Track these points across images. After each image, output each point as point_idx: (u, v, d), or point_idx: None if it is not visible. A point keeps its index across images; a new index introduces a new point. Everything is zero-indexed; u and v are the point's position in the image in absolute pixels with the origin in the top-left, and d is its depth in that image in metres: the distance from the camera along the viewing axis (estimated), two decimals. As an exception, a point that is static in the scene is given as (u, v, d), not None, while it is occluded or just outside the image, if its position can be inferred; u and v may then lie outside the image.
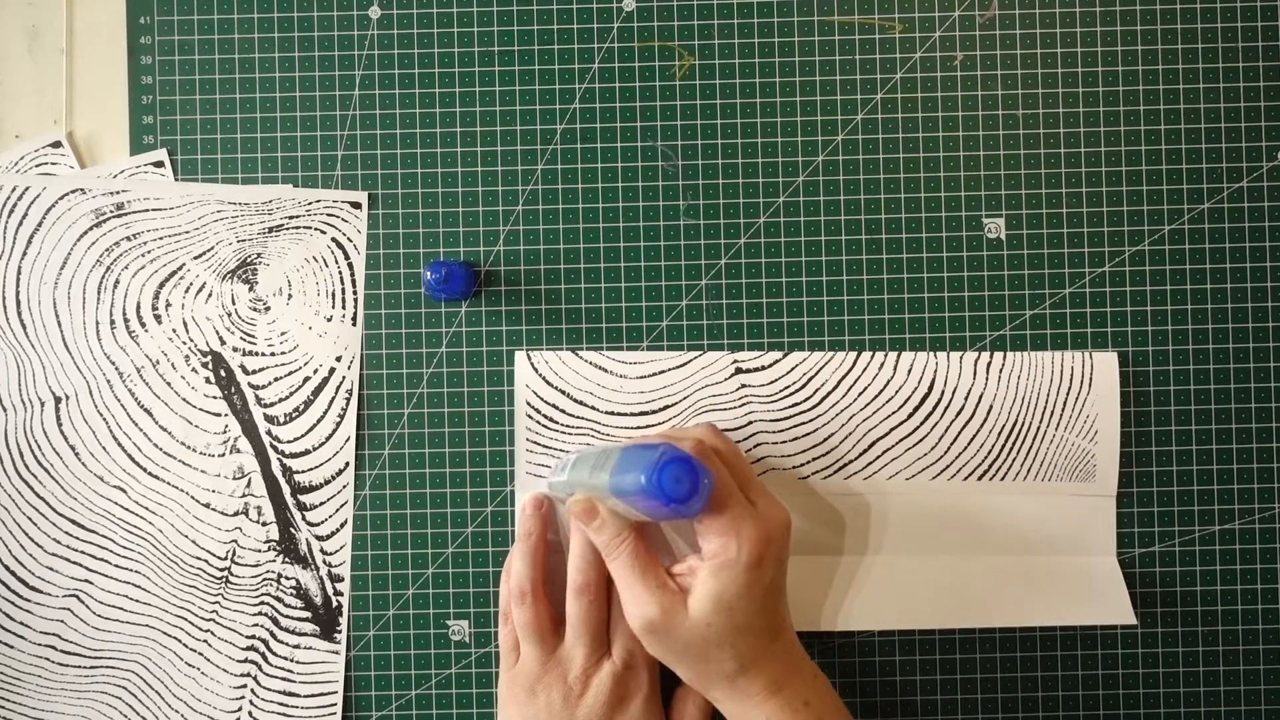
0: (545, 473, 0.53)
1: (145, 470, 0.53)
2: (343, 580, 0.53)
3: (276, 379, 0.53)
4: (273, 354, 0.53)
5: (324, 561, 0.53)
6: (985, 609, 0.52)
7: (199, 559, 0.53)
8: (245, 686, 0.53)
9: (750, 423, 0.52)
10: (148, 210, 0.53)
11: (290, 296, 0.53)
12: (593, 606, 0.48)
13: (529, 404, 0.53)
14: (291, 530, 0.53)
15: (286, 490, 0.53)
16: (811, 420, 0.52)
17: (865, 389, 0.52)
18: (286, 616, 0.53)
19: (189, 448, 0.53)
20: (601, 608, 0.49)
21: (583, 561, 0.49)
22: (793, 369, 0.53)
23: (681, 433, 0.49)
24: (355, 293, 0.54)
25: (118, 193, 0.53)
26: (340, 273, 0.54)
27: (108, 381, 0.53)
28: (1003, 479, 0.52)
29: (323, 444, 0.53)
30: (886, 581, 0.52)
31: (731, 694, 0.46)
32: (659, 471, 0.41)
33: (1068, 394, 0.52)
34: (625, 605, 0.46)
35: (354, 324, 0.54)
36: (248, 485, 0.53)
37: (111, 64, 0.54)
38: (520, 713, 0.48)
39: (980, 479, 0.52)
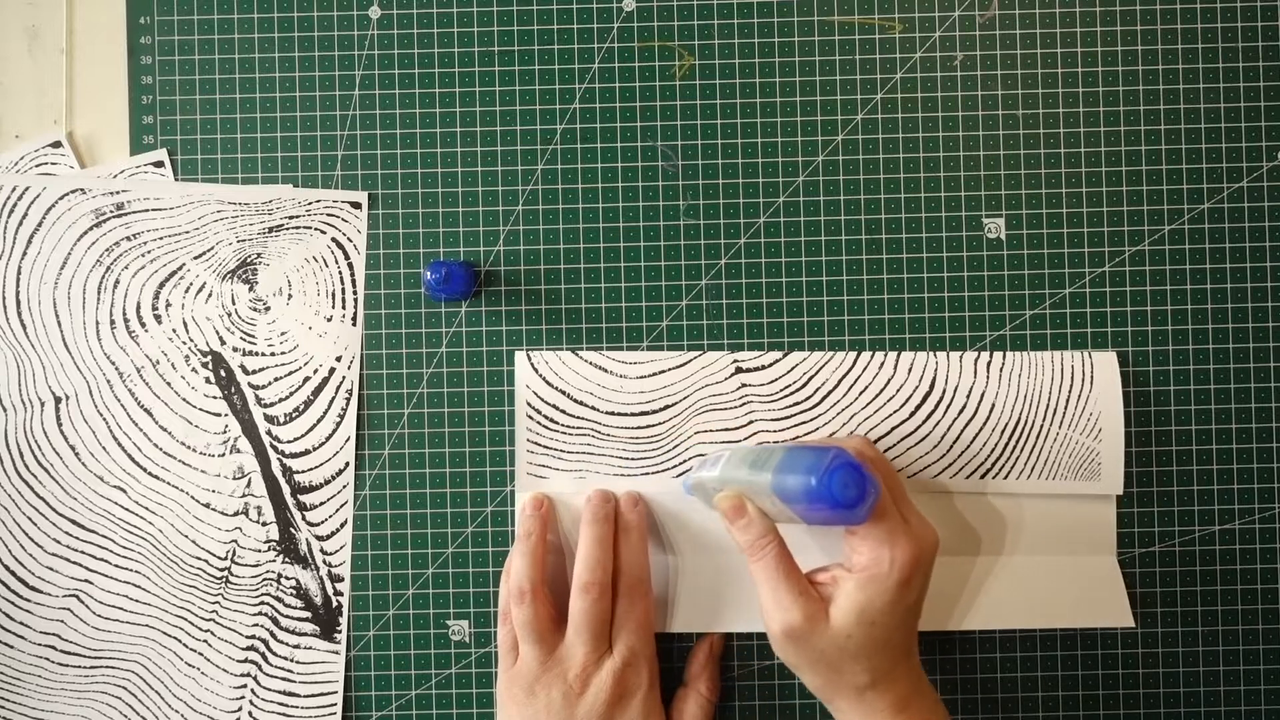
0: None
1: (145, 470, 0.53)
2: (343, 580, 0.53)
3: (276, 379, 0.53)
4: (273, 354, 0.53)
5: (324, 561, 0.53)
6: (984, 611, 0.52)
7: (199, 559, 0.53)
8: (245, 686, 0.53)
9: (751, 422, 0.52)
10: (148, 210, 0.53)
11: (290, 296, 0.53)
12: (596, 605, 0.48)
13: (529, 404, 0.53)
14: (291, 530, 0.53)
15: (286, 490, 0.53)
16: (812, 420, 0.52)
17: (866, 388, 0.52)
18: (286, 616, 0.53)
19: (189, 448, 0.53)
20: (605, 607, 0.49)
21: (591, 560, 0.49)
22: (793, 368, 0.53)
23: (835, 442, 0.49)
24: (355, 293, 0.54)
25: (118, 193, 0.53)
26: (340, 273, 0.54)
27: (108, 381, 0.53)
28: (1006, 477, 0.52)
29: (323, 444, 0.53)
30: None
31: (858, 706, 0.45)
32: (830, 475, 0.41)
33: (1070, 392, 0.52)
34: (765, 608, 0.46)
35: (354, 324, 0.54)
36: (248, 485, 0.53)
37: (111, 64, 0.54)
38: (520, 712, 0.48)
39: (984, 477, 0.52)
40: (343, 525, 0.53)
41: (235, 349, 0.53)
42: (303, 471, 0.53)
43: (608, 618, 0.49)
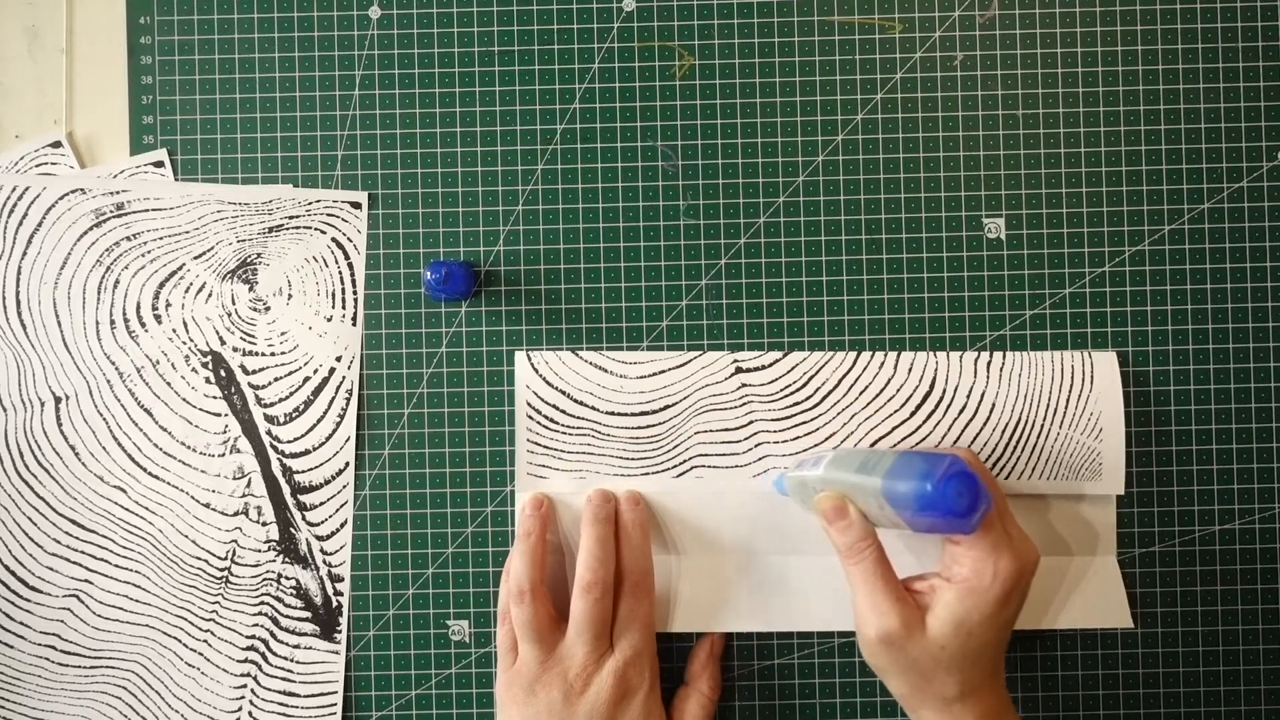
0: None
1: (145, 470, 0.53)
2: (343, 580, 0.53)
3: (276, 379, 0.53)
4: (273, 354, 0.53)
5: (324, 561, 0.53)
6: None
7: (199, 559, 0.53)
8: (245, 686, 0.53)
9: (751, 422, 0.52)
10: (148, 210, 0.53)
11: (290, 296, 0.53)
12: (598, 605, 0.48)
13: (529, 404, 0.53)
14: (291, 530, 0.53)
15: (286, 490, 0.53)
16: (812, 420, 0.52)
17: (866, 388, 0.52)
18: (286, 616, 0.53)
19: (189, 448, 0.53)
20: (607, 606, 0.49)
21: (593, 560, 0.49)
22: (793, 368, 0.53)
23: (940, 452, 0.49)
24: (355, 293, 0.54)
25: (118, 193, 0.53)
26: (340, 273, 0.54)
27: (108, 381, 0.53)
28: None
29: (323, 444, 0.53)
30: None
31: (943, 718, 0.45)
32: (945, 482, 0.41)
33: (1070, 392, 0.52)
34: (860, 612, 0.46)
35: (354, 324, 0.54)
36: (248, 485, 0.53)
37: (111, 64, 0.54)
38: (520, 712, 0.48)
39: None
40: (343, 525, 0.53)
41: (235, 349, 0.53)
42: (303, 471, 0.53)
43: (609, 617, 0.49)
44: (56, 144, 0.54)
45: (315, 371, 0.53)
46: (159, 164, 0.54)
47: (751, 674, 0.53)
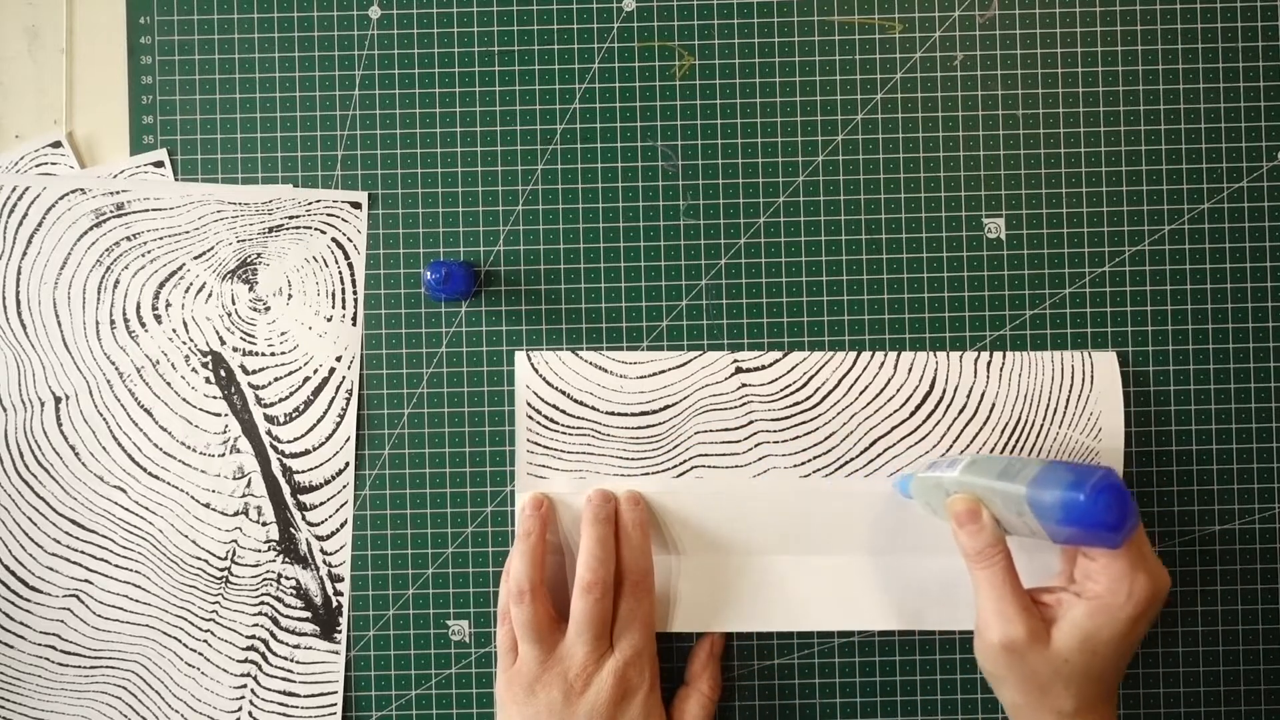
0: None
1: (145, 470, 0.53)
2: (343, 580, 0.53)
3: (276, 379, 0.53)
4: (273, 354, 0.53)
5: (324, 561, 0.53)
6: None
7: (199, 559, 0.53)
8: (245, 686, 0.53)
9: (751, 422, 0.52)
10: (148, 210, 0.53)
11: (290, 296, 0.53)
12: (599, 605, 0.48)
13: (529, 404, 0.53)
14: (291, 530, 0.53)
15: (286, 490, 0.53)
16: (812, 419, 0.52)
17: (866, 387, 0.52)
18: (286, 616, 0.53)
19: (189, 448, 0.53)
20: (607, 606, 0.49)
21: (593, 560, 0.49)
22: (793, 368, 0.53)
23: (1087, 465, 0.49)
24: (355, 293, 0.54)
25: (118, 193, 0.53)
26: (340, 273, 0.54)
27: (108, 381, 0.53)
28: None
29: (323, 444, 0.53)
30: (888, 582, 0.52)
31: None
32: (1097, 494, 0.41)
33: (1070, 392, 0.52)
34: (985, 617, 0.45)
35: (354, 324, 0.54)
36: (248, 485, 0.53)
37: (111, 64, 0.54)
38: (520, 712, 0.48)
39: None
40: (343, 525, 0.53)
41: (235, 349, 0.53)
42: (303, 471, 0.53)
43: (609, 617, 0.49)
44: (56, 144, 0.54)
45: (315, 371, 0.53)
46: (159, 164, 0.54)
47: (751, 674, 0.53)
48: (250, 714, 0.53)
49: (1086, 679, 0.44)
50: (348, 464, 0.53)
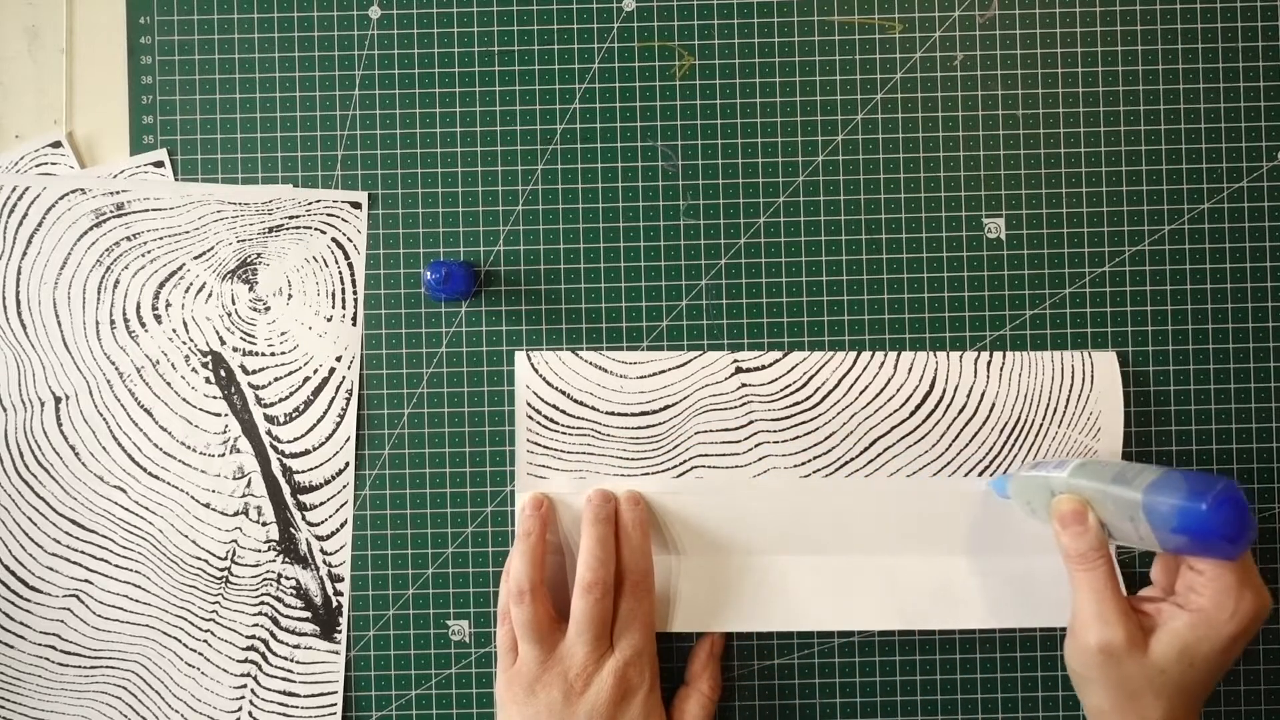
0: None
1: (145, 470, 0.53)
2: (343, 580, 0.53)
3: (276, 379, 0.53)
4: (273, 354, 0.53)
5: (324, 561, 0.53)
6: (984, 609, 0.52)
7: (199, 559, 0.53)
8: (245, 686, 0.53)
9: (751, 422, 0.52)
10: (148, 210, 0.53)
11: (290, 296, 0.53)
12: (599, 605, 0.48)
13: (529, 404, 0.53)
14: (291, 530, 0.53)
15: (286, 490, 0.53)
16: (812, 419, 0.52)
17: (866, 387, 0.52)
18: (286, 616, 0.53)
19: (189, 448, 0.53)
20: (607, 606, 0.49)
21: (593, 559, 0.49)
22: (793, 368, 0.53)
23: (1206, 474, 0.49)
24: (355, 293, 0.54)
25: (118, 193, 0.53)
26: (340, 273, 0.54)
27: (108, 381, 0.53)
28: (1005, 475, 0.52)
29: (323, 444, 0.53)
30: (886, 581, 0.52)
31: None
32: (1219, 504, 0.41)
33: (1070, 392, 0.52)
34: (1084, 619, 0.45)
35: (354, 324, 0.54)
36: (248, 485, 0.53)
37: (111, 64, 0.54)
38: (520, 712, 0.48)
39: (982, 475, 0.52)
40: (343, 525, 0.53)
41: (235, 349, 0.53)
42: (303, 471, 0.53)
43: (609, 617, 0.49)
44: (56, 144, 0.54)
45: (315, 371, 0.53)
46: (159, 164, 0.54)
47: (751, 674, 0.53)
48: (250, 714, 0.53)
49: (1179, 691, 0.44)
50: (348, 464, 0.53)
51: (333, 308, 0.53)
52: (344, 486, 0.53)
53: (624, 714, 0.48)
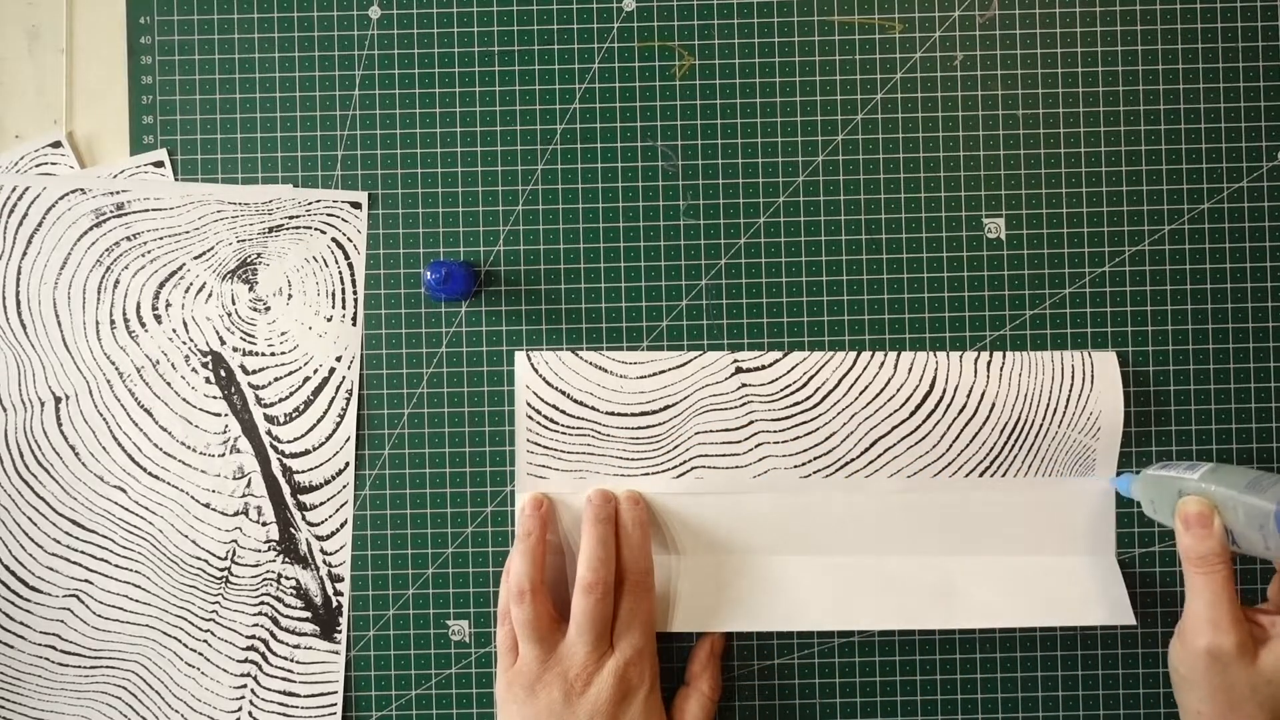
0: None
1: (145, 470, 0.53)
2: (343, 580, 0.53)
3: (276, 379, 0.53)
4: (273, 354, 0.53)
5: (324, 561, 0.53)
6: (984, 609, 0.52)
7: (199, 559, 0.53)
8: (245, 686, 0.53)
9: (751, 423, 0.52)
10: (148, 210, 0.53)
11: (290, 296, 0.53)
12: (599, 605, 0.48)
13: (529, 404, 0.53)
14: (291, 530, 0.53)
15: (286, 490, 0.53)
16: (812, 419, 0.52)
17: (866, 387, 0.52)
18: (286, 616, 0.53)
19: (189, 448, 0.53)
20: (608, 606, 0.49)
21: (594, 560, 0.49)
22: (793, 368, 0.53)
23: None
24: (355, 293, 0.54)
25: (118, 193, 0.53)
26: (340, 273, 0.54)
27: (108, 381, 0.53)
28: (1004, 475, 0.52)
29: (323, 444, 0.53)
30: (886, 581, 0.52)
31: None
32: None
33: (1069, 391, 0.52)
34: (1197, 621, 0.45)
35: (354, 324, 0.54)
36: (248, 485, 0.53)
37: (111, 64, 0.54)
38: (520, 712, 0.48)
39: (982, 475, 0.52)
40: (343, 525, 0.53)
41: (235, 349, 0.53)
42: (303, 471, 0.53)
43: (610, 617, 0.49)
44: (56, 144, 0.54)
45: (315, 371, 0.53)
46: (159, 164, 0.54)
47: (751, 674, 0.53)
48: (250, 714, 0.53)
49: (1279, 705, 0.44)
50: (348, 464, 0.53)
51: (333, 308, 0.53)
52: (344, 486, 0.53)
53: (624, 714, 0.48)
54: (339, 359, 0.53)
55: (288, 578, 0.53)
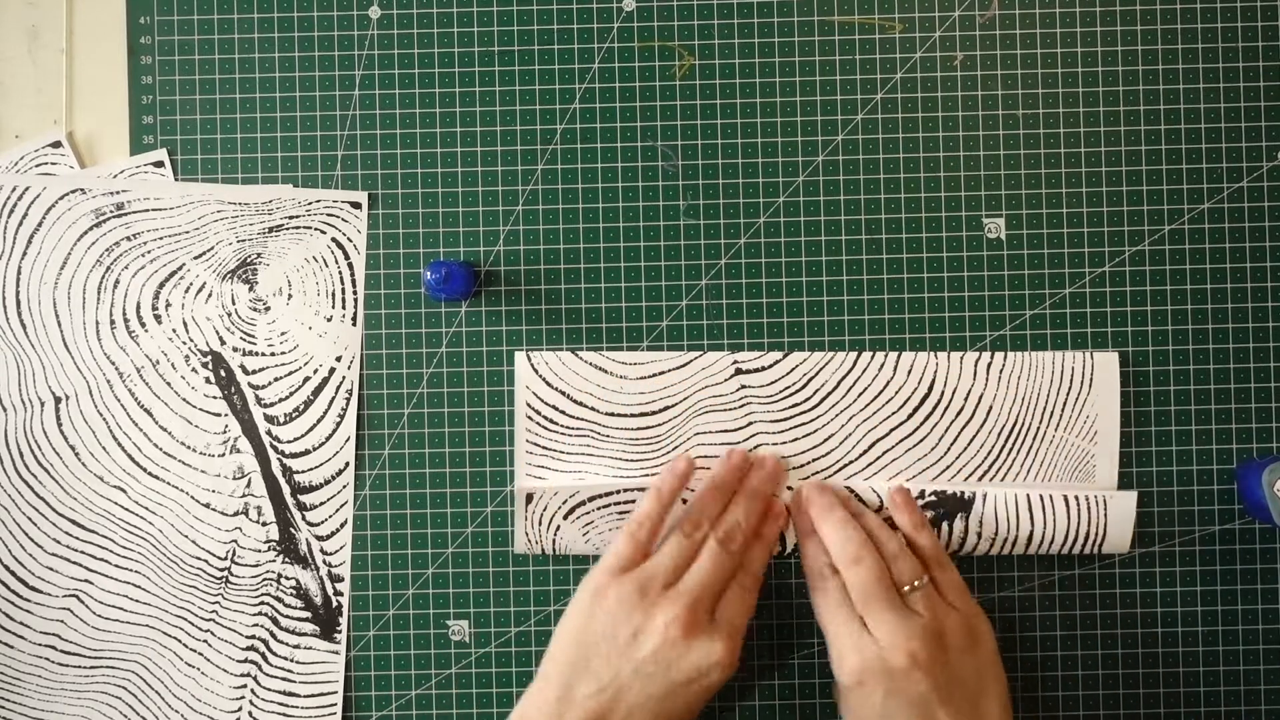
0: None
1: (145, 470, 0.53)
2: (343, 580, 0.53)
3: (276, 379, 0.53)
4: (273, 354, 0.53)
5: (324, 561, 0.53)
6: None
7: (199, 559, 0.53)
8: (245, 686, 0.53)
9: (750, 423, 0.52)
10: (148, 210, 0.53)
11: (290, 296, 0.53)
12: (727, 558, 0.48)
13: (529, 404, 0.53)
14: (291, 530, 0.53)
15: (286, 490, 0.53)
16: (811, 421, 0.52)
17: (865, 389, 0.52)
18: (286, 616, 0.53)
19: (189, 448, 0.53)
20: (726, 572, 0.48)
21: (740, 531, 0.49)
22: (793, 369, 0.53)
23: None
24: (355, 293, 0.54)
25: (118, 193, 0.53)
26: (340, 273, 0.54)
27: (108, 381, 0.53)
28: (1002, 479, 0.52)
29: (323, 444, 0.53)
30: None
31: None
32: None
33: (1068, 394, 0.52)
34: None
35: (354, 324, 0.54)
36: (248, 485, 0.53)
37: (111, 64, 0.54)
38: (604, 608, 0.47)
39: (980, 479, 0.52)
40: (343, 525, 0.53)
41: (235, 349, 0.53)
42: (303, 471, 0.53)
43: (723, 581, 0.49)
44: (56, 144, 0.54)
45: (315, 371, 0.53)
46: (159, 164, 0.54)
47: (754, 673, 0.53)
48: (250, 714, 0.53)
49: None
50: (348, 464, 0.53)
51: (333, 308, 0.53)
52: (344, 486, 0.53)
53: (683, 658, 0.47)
54: (339, 359, 0.53)
55: (288, 578, 0.53)
